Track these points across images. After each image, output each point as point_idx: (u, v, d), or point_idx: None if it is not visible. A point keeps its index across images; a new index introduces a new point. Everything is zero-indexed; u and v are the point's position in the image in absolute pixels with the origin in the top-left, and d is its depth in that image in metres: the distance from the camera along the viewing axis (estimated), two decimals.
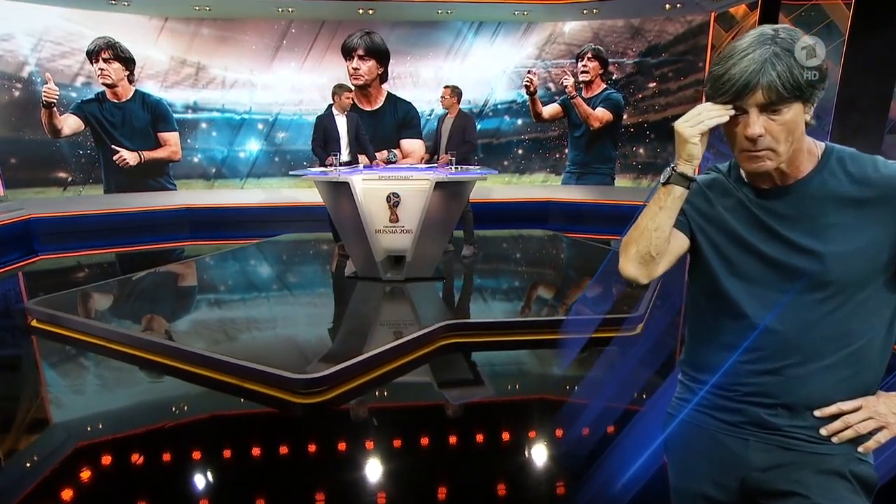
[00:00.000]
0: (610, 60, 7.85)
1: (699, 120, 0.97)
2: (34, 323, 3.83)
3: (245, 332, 3.77)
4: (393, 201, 4.32)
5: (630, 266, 1.03)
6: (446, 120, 5.22)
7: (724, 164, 1.08)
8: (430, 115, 8.05)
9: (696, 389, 1.09)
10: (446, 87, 5.16)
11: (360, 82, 7.18)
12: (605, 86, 7.87)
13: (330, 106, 5.25)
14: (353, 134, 5.21)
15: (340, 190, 4.28)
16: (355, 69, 7.15)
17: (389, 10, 7.39)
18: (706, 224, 1.05)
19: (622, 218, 5.79)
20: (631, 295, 4.31)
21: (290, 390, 2.89)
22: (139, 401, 2.98)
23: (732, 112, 0.95)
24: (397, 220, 4.35)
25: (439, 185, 4.20)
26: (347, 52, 7.21)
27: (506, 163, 8.38)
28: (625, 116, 8.01)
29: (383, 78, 7.39)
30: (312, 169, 4.74)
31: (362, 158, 5.43)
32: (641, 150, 8.12)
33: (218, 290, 4.82)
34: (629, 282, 1.06)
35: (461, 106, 5.28)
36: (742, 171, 1.03)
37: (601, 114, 7.72)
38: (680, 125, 0.98)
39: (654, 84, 7.88)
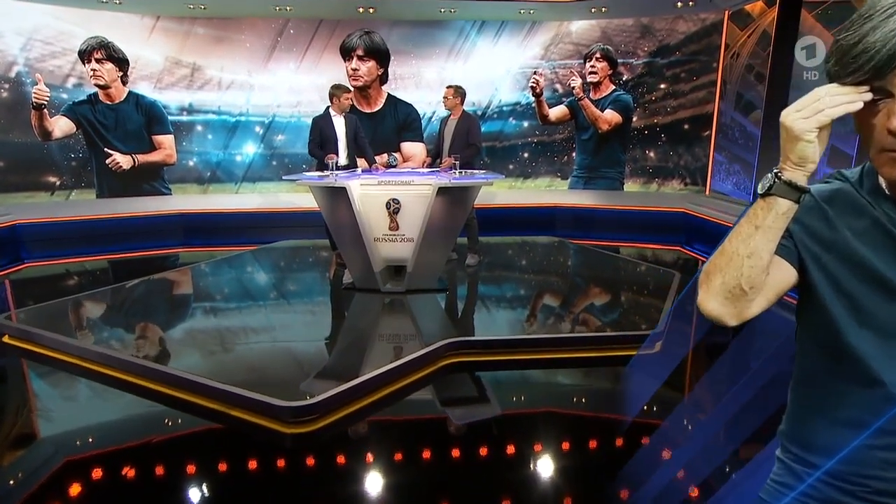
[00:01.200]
0: (619, 61, 7.62)
1: (818, 108, 0.67)
2: (6, 339, 3.54)
3: (233, 347, 3.50)
4: (393, 208, 4.07)
5: (713, 302, 0.75)
6: (449, 122, 4.97)
7: (853, 171, 0.78)
8: (431, 116, 7.81)
9: (801, 474, 0.80)
10: (449, 86, 4.90)
11: (360, 83, 6.97)
12: (614, 87, 7.64)
13: (328, 107, 5.00)
14: (351, 136, 4.97)
15: (337, 196, 4.05)
16: (354, 70, 6.95)
17: (390, 8, 7.18)
18: (823, 252, 0.76)
19: (632, 224, 5.55)
20: (649, 308, 4.02)
21: (277, 418, 2.60)
22: (108, 428, 2.69)
23: (869, 96, 0.66)
24: (397, 228, 4.11)
25: (442, 191, 3.97)
26: (346, 53, 7.01)
27: (511, 166, 8.14)
28: (634, 119, 7.78)
29: (383, 79, 7.20)
30: (308, 174, 4.51)
31: (361, 162, 5.19)
32: (652, 154, 7.87)
33: (208, 300, 4.57)
34: (711, 321, 0.76)
35: (464, 107, 5.02)
36: (881, 180, 0.73)
37: (610, 116, 7.49)
38: (790, 116, 0.69)
39: (666, 85, 7.64)
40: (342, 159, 4.91)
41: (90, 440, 2.62)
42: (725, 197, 6.91)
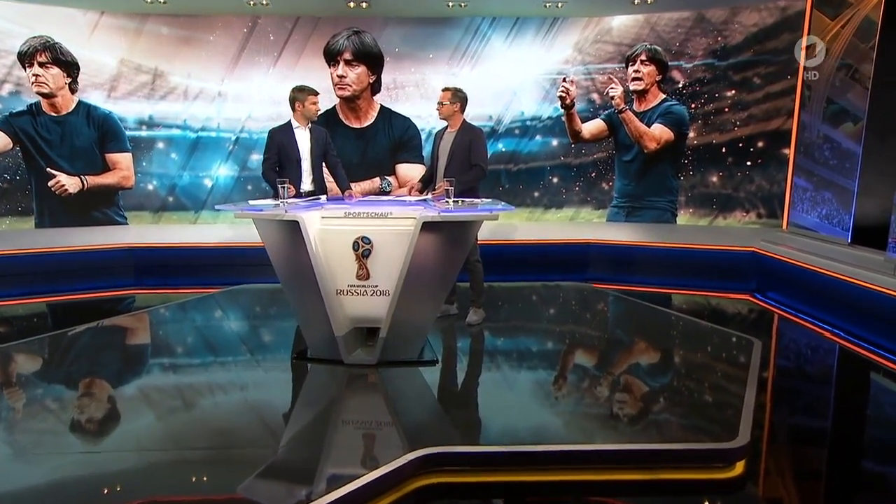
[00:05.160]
0: (670, 63, 7.16)
1: None
2: None
3: (130, 438, 2.79)
4: (362, 249, 3.44)
5: None
6: (445, 135, 4.30)
7: None
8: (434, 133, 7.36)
9: None
10: (445, 89, 4.23)
11: (347, 93, 6.79)
12: (663, 96, 7.19)
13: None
14: (318, 153, 4.35)
15: (287, 232, 3.42)
16: (341, 77, 6.77)
17: (387, 3, 6.79)
18: None
19: (687, 267, 4.59)
20: (724, 404, 3.10)
21: None
22: None
23: None
24: (368, 277, 3.48)
25: (429, 227, 3.33)
26: (331, 57, 6.83)
27: (536, 194, 7.66)
28: (690, 134, 7.23)
29: (376, 88, 7.00)
30: (253, 202, 3.84)
31: (334, 188, 4.66)
32: (713, 178, 7.23)
33: (125, 366, 3.93)
34: None
35: (472, 119, 4.42)
36: None
37: (659, 132, 7.01)
38: None
39: (731, 92, 7.07)
40: (306, 184, 4.32)
41: None
42: (810, 232, 6.22)
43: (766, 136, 6.97)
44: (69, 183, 7.10)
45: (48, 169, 7.02)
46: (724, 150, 7.18)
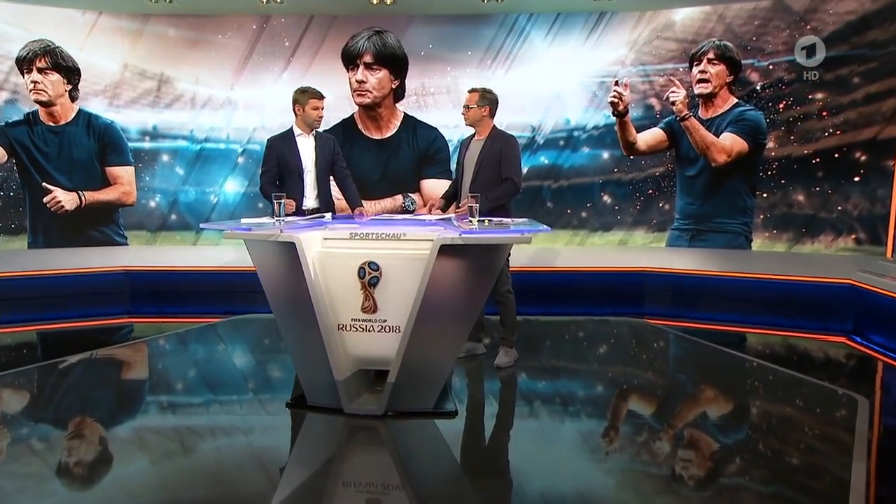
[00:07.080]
0: (744, 62, 6.95)
1: None
2: None
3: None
4: (369, 277, 3.34)
5: None
6: (472, 144, 4.19)
7: None
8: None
9: None
10: (472, 90, 4.12)
11: (367, 100, 6.79)
12: (735, 100, 6.97)
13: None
14: (324, 165, 4.28)
15: (282, 255, 3.35)
16: (360, 82, 6.76)
17: None
18: None
19: (766, 301, 4.20)
20: (824, 479, 2.74)
21: None
22: None
23: None
24: (375, 310, 3.38)
25: (448, 251, 3.22)
26: (350, 60, 6.83)
27: (583, 214, 7.53)
28: (769, 145, 6.99)
29: (399, 94, 6.98)
30: (245, 220, 3.78)
31: (344, 205, 4.59)
32: (799, 197, 6.90)
33: (115, 405, 3.96)
34: None
35: (503, 126, 4.40)
36: None
37: (730, 142, 6.79)
38: None
39: (822, 95, 6.78)
40: (310, 200, 4.25)
41: None
42: None
43: (864, 145, 6.67)
44: (65, 199, 7.21)
45: (44, 184, 7.16)
46: (811, 162, 6.94)
